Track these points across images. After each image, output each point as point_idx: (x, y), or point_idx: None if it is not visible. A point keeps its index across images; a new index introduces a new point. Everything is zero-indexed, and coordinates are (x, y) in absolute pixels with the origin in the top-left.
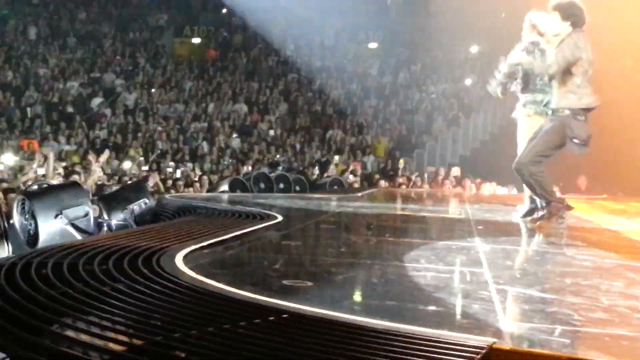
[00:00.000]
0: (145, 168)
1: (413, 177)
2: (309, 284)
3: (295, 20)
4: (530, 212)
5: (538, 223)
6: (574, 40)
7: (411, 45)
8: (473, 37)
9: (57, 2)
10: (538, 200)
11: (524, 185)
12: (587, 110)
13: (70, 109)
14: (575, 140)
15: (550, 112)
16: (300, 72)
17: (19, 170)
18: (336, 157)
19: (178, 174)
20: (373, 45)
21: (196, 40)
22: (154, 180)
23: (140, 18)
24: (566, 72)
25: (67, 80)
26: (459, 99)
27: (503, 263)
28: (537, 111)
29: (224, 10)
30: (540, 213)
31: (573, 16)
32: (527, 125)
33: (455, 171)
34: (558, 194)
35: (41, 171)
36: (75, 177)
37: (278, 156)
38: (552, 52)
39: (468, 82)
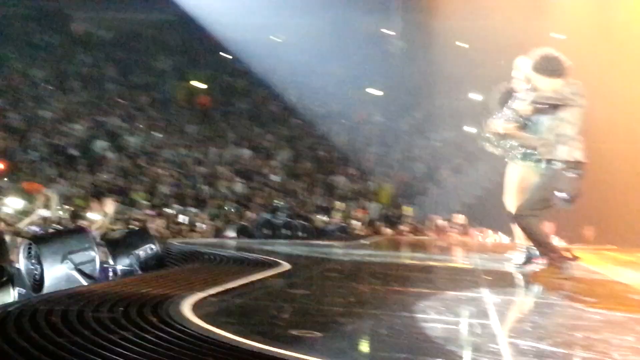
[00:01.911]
0: (151, 212)
1: (420, 225)
2: (317, 334)
3: (298, 66)
4: (527, 262)
5: (537, 273)
6: (576, 87)
7: (414, 92)
8: (474, 84)
9: (62, 45)
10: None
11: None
12: (579, 163)
13: (74, 152)
14: (560, 194)
15: (542, 164)
16: (304, 117)
17: (23, 213)
18: (339, 203)
19: (182, 218)
20: (376, 91)
21: (199, 85)
22: (157, 225)
23: (144, 62)
24: (556, 119)
25: (71, 122)
26: (462, 146)
27: (512, 315)
28: (524, 159)
29: (228, 56)
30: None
31: (554, 71)
32: (518, 169)
33: (461, 219)
34: (563, 244)
35: (44, 213)
36: (81, 222)
37: (282, 202)
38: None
39: (471, 129)
